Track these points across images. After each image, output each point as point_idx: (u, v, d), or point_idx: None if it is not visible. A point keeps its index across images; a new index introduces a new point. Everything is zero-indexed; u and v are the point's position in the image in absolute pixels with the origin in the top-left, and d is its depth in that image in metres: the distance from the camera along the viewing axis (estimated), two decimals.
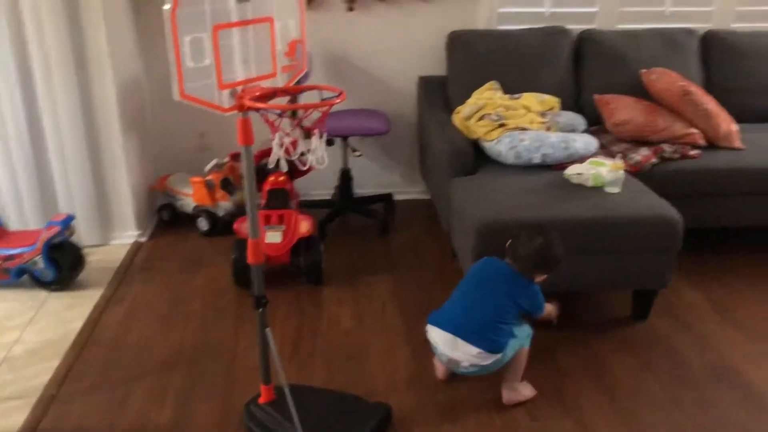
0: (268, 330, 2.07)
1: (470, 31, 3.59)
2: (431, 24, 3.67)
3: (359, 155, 3.50)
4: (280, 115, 1.78)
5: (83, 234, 3.30)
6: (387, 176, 3.98)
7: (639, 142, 3.21)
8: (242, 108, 1.81)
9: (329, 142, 3.51)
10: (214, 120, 3.75)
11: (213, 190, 3.47)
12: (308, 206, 3.56)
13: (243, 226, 2.95)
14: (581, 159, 2.93)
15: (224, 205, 3.50)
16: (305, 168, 1.91)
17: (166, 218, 3.65)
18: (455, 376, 2.38)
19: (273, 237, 2.89)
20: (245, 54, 1.81)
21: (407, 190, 4.01)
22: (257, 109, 1.76)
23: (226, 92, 1.79)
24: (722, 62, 3.64)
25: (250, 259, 2.03)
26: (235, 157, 3.09)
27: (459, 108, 3.30)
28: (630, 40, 3.59)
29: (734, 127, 3.26)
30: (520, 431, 2.16)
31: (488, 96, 3.27)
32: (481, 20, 3.71)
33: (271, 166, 1.90)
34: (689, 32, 3.66)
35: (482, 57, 3.51)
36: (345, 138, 3.51)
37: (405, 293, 3.00)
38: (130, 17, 3.47)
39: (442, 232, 3.46)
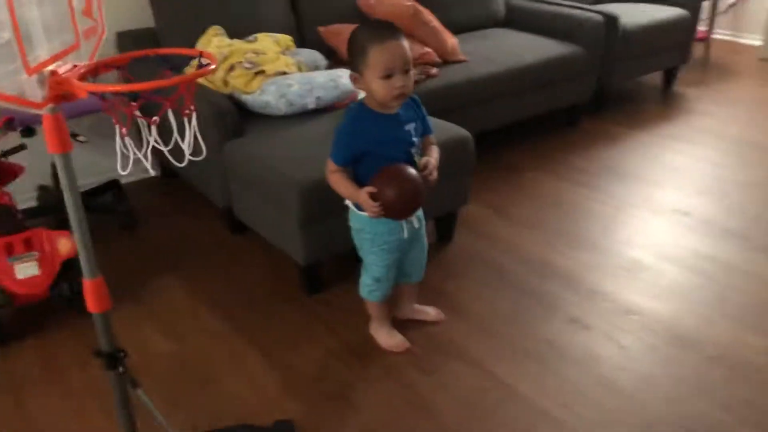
0: (140, 391, 1.54)
1: None
2: None
3: (85, 141, 2.77)
4: (134, 100, 1.24)
5: None
6: (105, 161, 3.26)
7: None
8: (58, 97, 1.21)
9: (29, 132, 2.71)
10: None
11: None
12: None
13: None
14: (352, 95, 2.77)
15: None
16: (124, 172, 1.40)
17: None
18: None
19: (27, 269, 2.15)
20: (43, 21, 1.20)
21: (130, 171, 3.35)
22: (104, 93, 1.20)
23: (33, 80, 1.17)
24: None
25: (94, 306, 1.45)
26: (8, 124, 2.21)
27: (194, 62, 2.82)
28: None
29: (455, 40, 3.42)
30: (417, 385, 2.03)
31: (222, 43, 2.85)
32: None
33: (125, 171, 1.34)
34: None
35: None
36: None
37: (206, 287, 2.54)
38: None
39: (199, 208, 3.05)
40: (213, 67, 1.28)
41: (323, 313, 2.38)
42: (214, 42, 2.88)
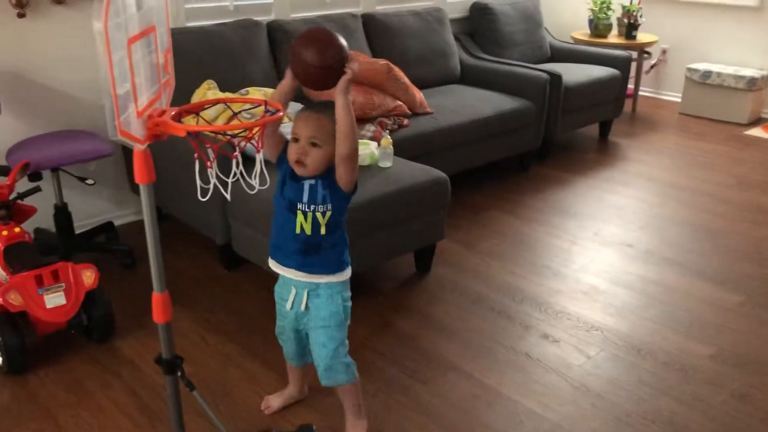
0: (196, 392, 1.76)
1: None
2: None
3: (92, 184, 2.97)
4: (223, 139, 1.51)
5: None
6: (99, 204, 3.45)
7: (360, 120, 3.49)
8: (154, 136, 1.48)
9: (37, 176, 2.89)
10: None
11: None
12: None
13: (10, 296, 2.28)
14: None
15: None
16: (204, 198, 1.64)
17: None
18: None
19: (55, 300, 2.32)
20: (148, 72, 1.47)
21: (119, 213, 3.54)
22: (195, 133, 1.47)
23: (139, 121, 1.43)
24: (381, 40, 4.13)
25: (159, 317, 1.68)
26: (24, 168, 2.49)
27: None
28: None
29: (422, 95, 3.80)
30: (417, 393, 2.30)
31: (218, 96, 3.13)
32: (170, 17, 3.45)
33: (205, 198, 1.59)
34: (353, 16, 4.05)
35: (187, 55, 3.29)
36: (55, 169, 2.94)
37: (209, 317, 2.75)
38: None
39: (189, 248, 3.27)
40: (282, 113, 1.57)
41: None
42: (209, 95, 3.15)
